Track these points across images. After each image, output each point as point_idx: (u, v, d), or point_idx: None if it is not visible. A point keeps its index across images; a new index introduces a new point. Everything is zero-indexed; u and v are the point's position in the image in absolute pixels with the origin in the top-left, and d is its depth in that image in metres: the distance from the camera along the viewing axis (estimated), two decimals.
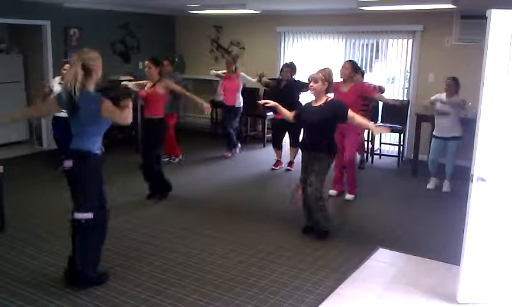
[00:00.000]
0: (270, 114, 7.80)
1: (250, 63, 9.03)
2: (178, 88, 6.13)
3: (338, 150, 4.99)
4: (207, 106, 5.95)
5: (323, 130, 4.71)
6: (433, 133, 6.58)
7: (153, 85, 5.80)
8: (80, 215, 3.66)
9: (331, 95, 4.97)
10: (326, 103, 4.72)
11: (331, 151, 4.77)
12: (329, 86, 4.77)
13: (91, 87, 3.63)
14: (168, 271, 4.12)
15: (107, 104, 3.58)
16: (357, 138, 6.13)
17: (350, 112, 4.67)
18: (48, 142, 8.43)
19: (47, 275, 4.01)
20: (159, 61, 5.97)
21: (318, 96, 4.75)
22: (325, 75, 4.70)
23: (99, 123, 3.64)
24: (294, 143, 7.44)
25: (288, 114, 5.06)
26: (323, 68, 4.82)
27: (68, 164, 3.63)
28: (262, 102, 5.27)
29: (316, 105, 4.76)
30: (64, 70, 6.97)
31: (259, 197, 6.30)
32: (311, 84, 4.72)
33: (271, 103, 5.11)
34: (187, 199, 6.11)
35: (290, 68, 7.26)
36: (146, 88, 5.89)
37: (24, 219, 5.23)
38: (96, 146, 3.68)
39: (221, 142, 8.74)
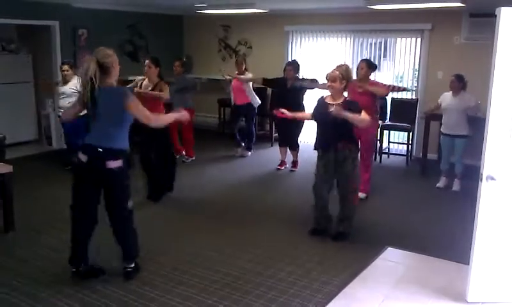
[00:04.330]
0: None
1: (258, 62, 9.02)
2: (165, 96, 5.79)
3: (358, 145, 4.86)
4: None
5: (342, 130, 4.59)
6: (441, 129, 6.60)
7: (154, 87, 5.71)
8: (130, 204, 3.85)
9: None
10: (344, 103, 4.59)
11: (354, 147, 4.68)
12: (347, 83, 4.69)
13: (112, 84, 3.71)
14: (176, 270, 4.13)
15: (136, 102, 3.68)
16: (371, 138, 6.09)
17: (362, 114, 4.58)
18: (58, 142, 8.48)
19: (56, 274, 4.03)
20: (160, 62, 5.80)
21: (336, 95, 4.66)
22: (342, 73, 4.61)
23: (122, 119, 3.68)
24: (293, 145, 7.42)
25: (306, 116, 5.06)
26: (340, 64, 4.74)
27: (117, 164, 3.68)
28: (280, 111, 5.20)
29: (333, 103, 4.61)
30: (63, 71, 6.98)
31: (267, 196, 6.30)
32: (329, 84, 4.63)
33: (288, 114, 5.07)
34: (195, 198, 6.12)
35: (293, 66, 7.23)
36: (142, 86, 5.79)
37: (33, 218, 5.26)
38: (125, 143, 3.78)
39: (228, 142, 8.75)
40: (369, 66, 5.89)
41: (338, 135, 4.60)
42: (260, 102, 8.16)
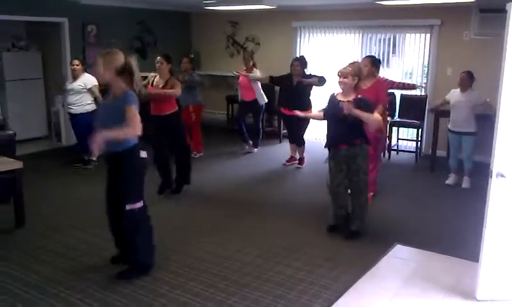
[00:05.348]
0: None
1: (266, 59, 9.01)
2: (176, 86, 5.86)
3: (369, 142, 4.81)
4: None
5: (353, 126, 4.55)
6: (448, 127, 6.56)
7: (165, 84, 5.76)
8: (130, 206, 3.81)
9: None
10: (355, 100, 4.54)
11: (365, 143, 4.64)
12: (359, 81, 4.64)
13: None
14: (185, 266, 4.15)
15: (132, 109, 3.61)
16: (376, 136, 6.06)
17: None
18: (67, 138, 8.53)
19: (67, 270, 4.06)
20: (171, 58, 5.88)
21: (347, 91, 4.61)
22: (355, 70, 4.57)
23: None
24: (298, 142, 7.41)
25: (317, 115, 5.06)
26: (352, 62, 4.70)
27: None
28: (298, 114, 5.26)
29: (344, 100, 4.58)
30: (73, 65, 7.04)
31: (275, 193, 6.30)
32: (340, 79, 4.59)
33: (300, 114, 5.08)
34: (203, 194, 6.14)
35: (300, 62, 7.20)
36: (154, 82, 5.86)
37: (43, 214, 5.30)
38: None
39: (236, 138, 8.76)
40: (373, 63, 5.81)
41: (348, 132, 4.57)
42: (266, 100, 8.12)
